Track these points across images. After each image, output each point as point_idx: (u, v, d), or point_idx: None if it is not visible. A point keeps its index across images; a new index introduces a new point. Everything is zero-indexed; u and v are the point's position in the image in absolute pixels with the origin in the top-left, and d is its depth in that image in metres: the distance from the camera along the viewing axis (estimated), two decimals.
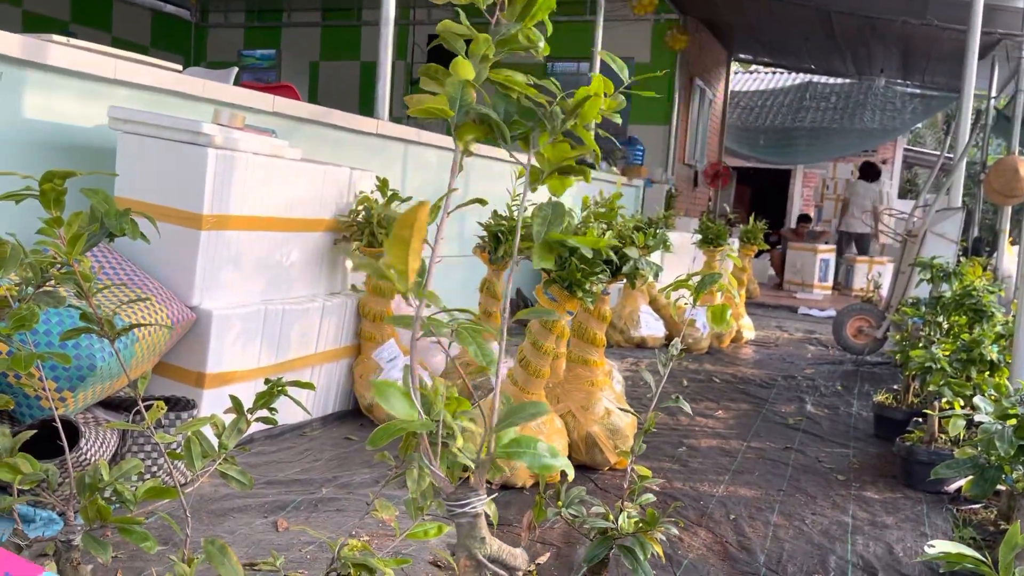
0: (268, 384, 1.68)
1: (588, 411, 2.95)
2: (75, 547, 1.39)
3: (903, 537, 2.66)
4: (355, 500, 2.53)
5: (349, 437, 3.20)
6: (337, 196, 3.30)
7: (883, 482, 3.26)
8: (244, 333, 2.83)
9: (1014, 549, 1.05)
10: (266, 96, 3.55)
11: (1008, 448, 1.48)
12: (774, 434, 3.87)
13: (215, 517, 2.33)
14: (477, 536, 0.87)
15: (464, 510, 0.87)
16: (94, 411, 2.40)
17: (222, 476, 1.55)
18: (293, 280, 3.14)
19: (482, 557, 0.85)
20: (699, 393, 4.63)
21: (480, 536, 0.86)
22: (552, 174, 0.90)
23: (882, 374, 5.61)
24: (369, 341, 3.40)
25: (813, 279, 10.78)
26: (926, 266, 4.23)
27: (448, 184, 1.27)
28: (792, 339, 7.11)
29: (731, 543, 2.50)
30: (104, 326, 1.39)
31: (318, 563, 2.09)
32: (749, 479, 3.15)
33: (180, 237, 2.67)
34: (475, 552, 0.85)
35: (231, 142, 2.73)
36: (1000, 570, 1.06)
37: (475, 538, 0.87)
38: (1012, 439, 1.50)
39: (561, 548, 2.33)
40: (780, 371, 5.46)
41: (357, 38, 12.08)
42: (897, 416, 3.89)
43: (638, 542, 1.49)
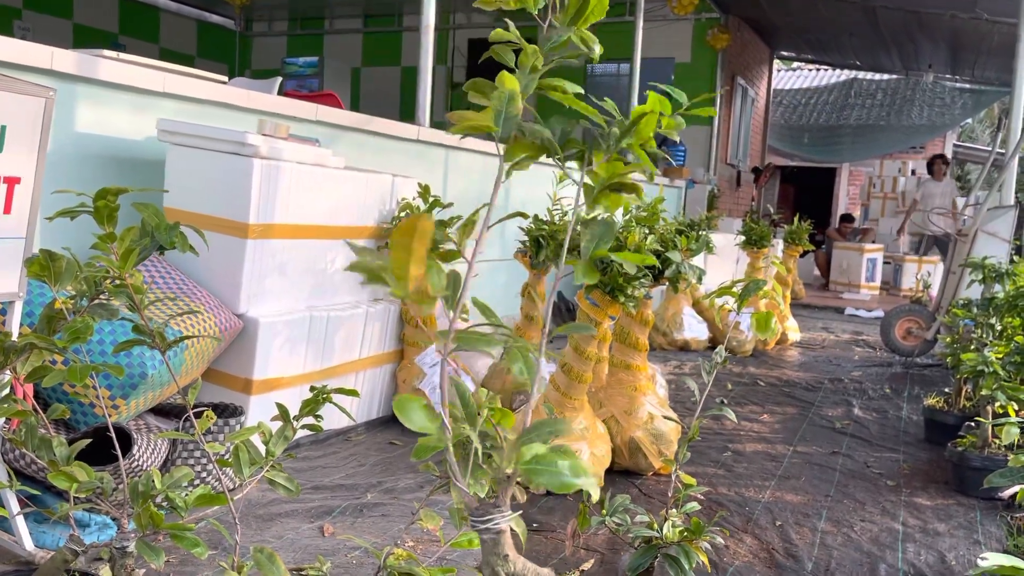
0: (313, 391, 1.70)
1: (631, 416, 2.93)
2: (129, 553, 1.42)
3: (956, 545, 2.61)
4: (399, 505, 2.56)
5: (393, 442, 3.23)
6: (379, 203, 3.34)
7: (934, 488, 3.19)
8: (290, 340, 2.88)
9: None
10: (309, 105, 3.60)
11: None
12: (821, 438, 3.81)
13: (263, 522, 2.37)
14: (500, 553, 0.86)
15: (487, 526, 0.87)
16: (145, 417, 2.46)
17: (269, 483, 1.57)
18: (337, 287, 3.18)
19: (504, 575, 0.85)
20: (744, 397, 4.58)
21: (503, 554, 0.86)
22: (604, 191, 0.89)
23: (932, 377, 5.49)
24: (412, 346, 3.43)
25: (860, 279, 10.58)
26: (978, 266, 4.14)
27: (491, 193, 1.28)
28: (839, 341, 6.99)
29: (778, 550, 2.47)
30: (155, 338, 1.43)
31: (364, 568, 2.11)
32: (796, 484, 3.11)
33: (227, 246, 2.72)
34: (497, 570, 0.85)
35: (275, 152, 2.78)
36: None
37: (498, 555, 0.86)
38: None
39: (605, 555, 2.32)
40: (826, 374, 5.37)
41: (398, 43, 12.19)
42: (948, 420, 3.79)
43: (683, 551, 1.48)
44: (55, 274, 1.43)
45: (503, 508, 0.88)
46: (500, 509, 0.88)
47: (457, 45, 11.84)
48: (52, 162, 2.57)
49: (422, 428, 0.85)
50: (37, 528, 2.00)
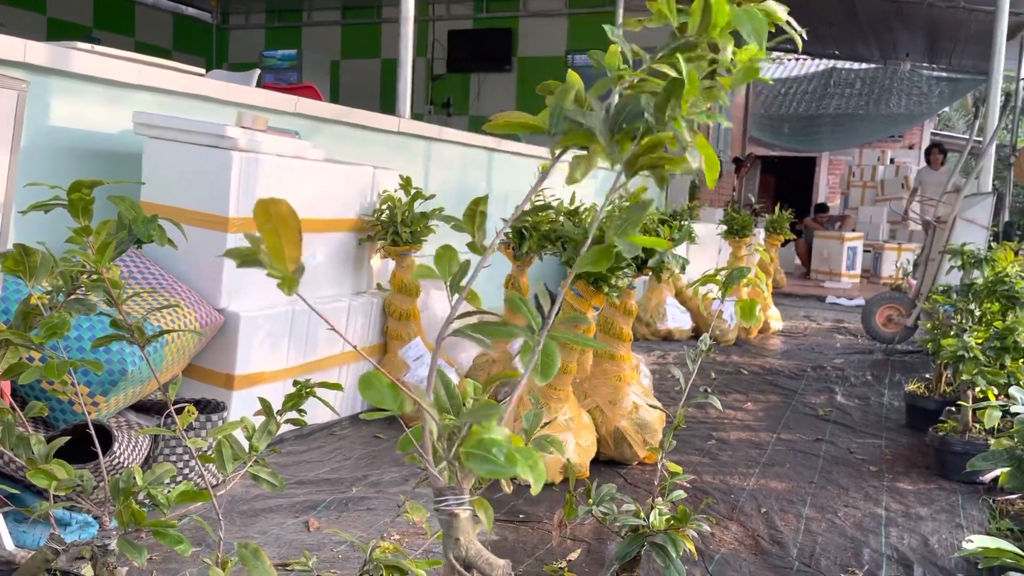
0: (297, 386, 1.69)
1: (616, 406, 2.93)
2: (111, 551, 1.41)
3: (938, 529, 2.63)
4: (385, 499, 2.54)
5: (378, 436, 3.21)
6: (360, 195, 3.31)
7: (916, 473, 3.22)
8: (272, 334, 2.85)
9: None
10: (288, 97, 3.56)
11: None
12: (804, 425, 3.83)
13: (247, 518, 2.35)
14: (452, 536, 0.86)
15: (439, 507, 0.87)
16: (126, 414, 2.43)
17: (252, 478, 1.56)
18: (319, 280, 3.15)
19: (452, 559, 0.84)
20: (727, 385, 4.60)
21: (454, 537, 0.85)
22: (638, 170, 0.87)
23: (913, 363, 5.53)
24: (396, 339, 3.41)
25: (840, 268, 10.66)
26: (957, 253, 4.17)
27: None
28: (820, 329, 7.04)
29: (763, 537, 2.48)
30: (134, 333, 1.40)
31: (350, 562, 2.10)
32: (780, 471, 3.13)
33: (207, 240, 2.69)
34: (448, 553, 0.84)
35: (255, 145, 2.75)
36: None
37: (450, 538, 0.86)
38: None
39: (592, 544, 2.33)
40: (809, 361, 5.41)
41: (377, 35, 12.11)
42: (930, 406, 3.83)
43: (670, 539, 1.48)
44: (30, 269, 1.40)
45: (458, 492, 0.88)
46: (455, 492, 0.88)
47: (437, 37, 11.77)
48: (26, 156, 2.53)
49: (378, 402, 0.84)
50: (17, 527, 1.97)
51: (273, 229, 0.85)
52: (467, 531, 0.87)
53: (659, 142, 0.81)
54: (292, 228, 0.86)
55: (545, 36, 11.38)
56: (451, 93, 11.81)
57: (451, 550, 0.85)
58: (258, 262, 0.86)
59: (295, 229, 0.86)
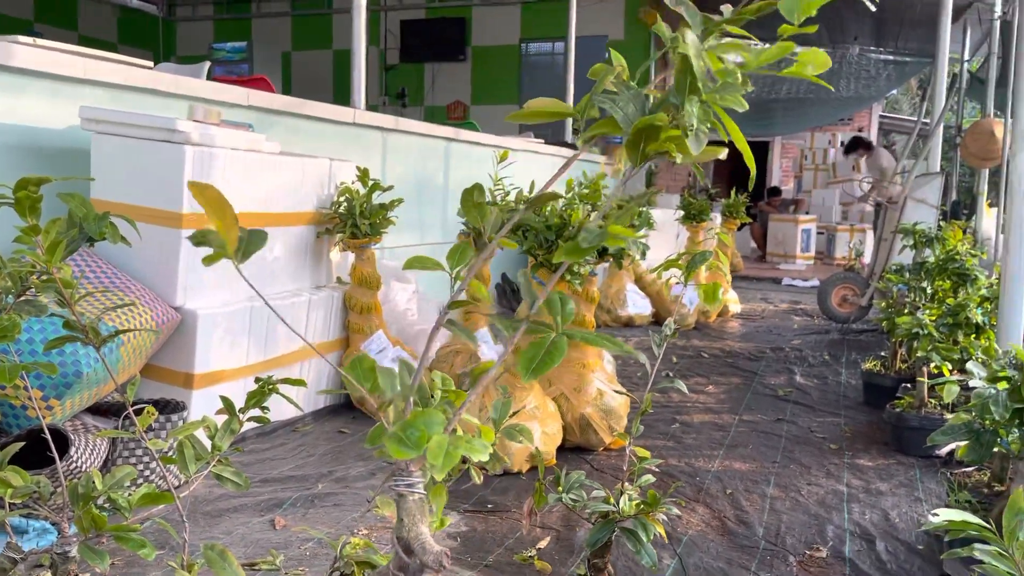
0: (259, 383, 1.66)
1: (581, 393, 2.94)
2: (72, 558, 1.37)
3: (898, 503, 2.69)
4: (352, 494, 2.52)
5: (342, 431, 3.18)
6: (318, 188, 3.27)
7: (875, 449, 3.28)
8: (230, 331, 2.80)
9: (1017, 515, 1.05)
10: (240, 90, 3.50)
11: (1004, 412, 1.49)
12: (765, 406, 3.89)
13: (211, 518, 2.31)
14: (399, 516, 0.86)
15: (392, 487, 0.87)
16: (82, 417, 2.37)
17: (216, 478, 1.53)
18: (277, 275, 3.11)
19: (395, 538, 0.84)
20: (689, 369, 4.64)
21: (399, 517, 0.86)
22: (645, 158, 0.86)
23: (868, 342, 5.64)
24: (357, 333, 3.38)
25: (795, 250, 10.83)
26: (909, 232, 4.25)
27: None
28: (777, 310, 7.15)
29: (729, 518, 2.51)
30: (88, 333, 1.36)
31: (318, 559, 2.08)
32: (743, 453, 3.17)
33: (161, 238, 2.63)
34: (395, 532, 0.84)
35: (208, 138, 2.69)
36: (1004, 536, 1.06)
37: (398, 519, 0.86)
38: (1007, 403, 1.50)
39: (561, 532, 2.33)
40: (768, 343, 5.48)
41: (328, 26, 11.95)
42: (886, 383, 3.91)
43: (640, 524, 1.49)
44: None
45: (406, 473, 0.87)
46: (403, 474, 0.87)
47: (389, 27, 11.66)
48: None
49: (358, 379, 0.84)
50: None
51: (216, 210, 0.86)
52: (412, 513, 0.86)
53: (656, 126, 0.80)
54: (226, 212, 0.88)
55: (499, 25, 11.34)
56: (405, 83, 11.72)
57: (396, 530, 0.85)
58: (210, 242, 0.87)
59: (229, 212, 0.88)
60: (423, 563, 0.81)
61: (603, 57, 9.18)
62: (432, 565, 0.80)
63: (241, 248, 0.87)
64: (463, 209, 0.95)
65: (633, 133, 0.84)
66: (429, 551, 0.81)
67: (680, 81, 0.81)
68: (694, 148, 0.83)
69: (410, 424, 0.80)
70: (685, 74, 0.80)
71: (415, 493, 0.85)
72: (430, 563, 0.80)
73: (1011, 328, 2.94)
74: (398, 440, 0.79)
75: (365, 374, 0.89)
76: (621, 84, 0.93)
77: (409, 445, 0.79)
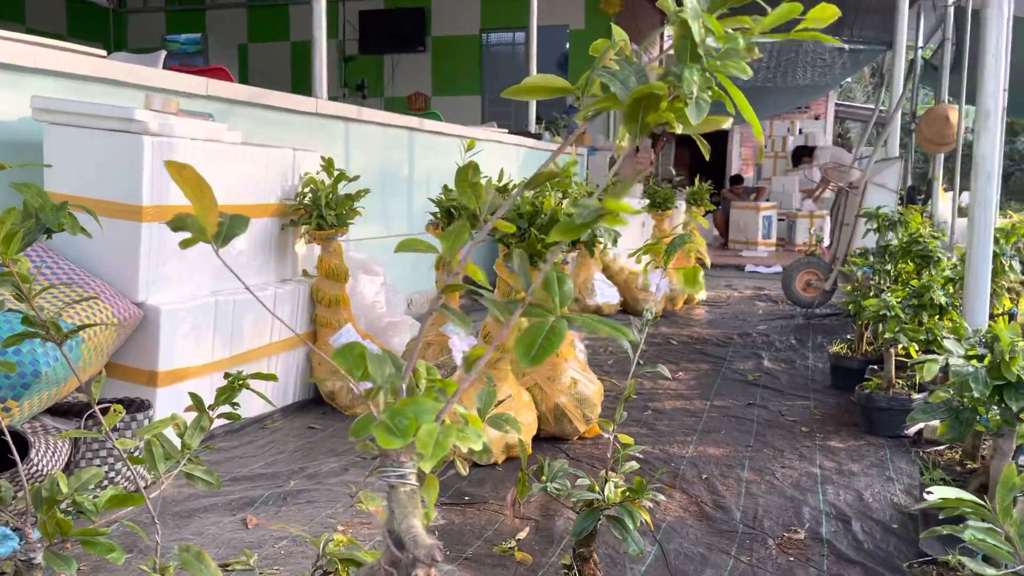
0: (228, 378, 1.60)
1: (554, 382, 2.92)
2: (37, 565, 1.31)
3: (870, 484, 2.71)
4: (325, 491, 2.47)
5: (312, 426, 3.12)
6: (281, 179, 3.19)
7: (846, 431, 3.31)
8: (195, 327, 2.73)
9: (1011, 491, 1.05)
10: (199, 79, 3.40)
11: (984, 389, 1.49)
12: (735, 391, 3.90)
13: (180, 519, 2.24)
14: (389, 508, 0.82)
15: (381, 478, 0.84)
16: (42, 419, 2.28)
17: (187, 477, 1.47)
18: (242, 268, 3.03)
19: (386, 531, 0.81)
20: (658, 356, 4.65)
21: (390, 509, 0.82)
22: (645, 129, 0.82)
23: (833, 325, 5.71)
24: (325, 327, 3.31)
25: (757, 237, 10.93)
26: (873, 216, 4.29)
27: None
28: (742, 297, 7.20)
29: (706, 503, 2.51)
30: (50, 329, 1.30)
31: (293, 558, 2.03)
32: (716, 438, 3.17)
33: (120, 231, 2.55)
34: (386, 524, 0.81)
35: (167, 128, 2.61)
36: (999, 513, 1.05)
37: (388, 510, 0.83)
38: (987, 380, 1.51)
39: (539, 522, 2.31)
40: (734, 329, 5.52)
41: (285, 17, 11.77)
42: (853, 365, 3.95)
43: (626, 511, 1.47)
44: None
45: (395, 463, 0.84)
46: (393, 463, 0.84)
47: (348, 18, 11.51)
48: None
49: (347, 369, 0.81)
50: None
51: (194, 191, 0.82)
52: (403, 505, 0.82)
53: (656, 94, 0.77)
54: (205, 193, 0.84)
55: (458, 15, 11.26)
56: (365, 75, 11.59)
57: (386, 524, 0.82)
58: (188, 227, 0.83)
59: (208, 194, 0.84)
60: (415, 557, 0.77)
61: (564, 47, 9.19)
62: (424, 559, 0.77)
63: (222, 232, 0.82)
64: (458, 188, 0.91)
65: (631, 103, 0.80)
66: (421, 545, 0.77)
67: (680, 48, 0.78)
68: (694, 117, 0.80)
69: (399, 412, 0.76)
70: (685, 40, 0.76)
71: (407, 484, 0.81)
72: (422, 557, 0.77)
73: (976, 307, 2.98)
74: (386, 429, 0.75)
75: (355, 361, 0.84)
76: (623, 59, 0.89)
77: (398, 434, 0.75)
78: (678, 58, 0.80)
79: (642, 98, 0.83)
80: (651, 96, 0.83)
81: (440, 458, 0.73)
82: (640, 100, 0.83)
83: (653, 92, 0.81)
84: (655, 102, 0.84)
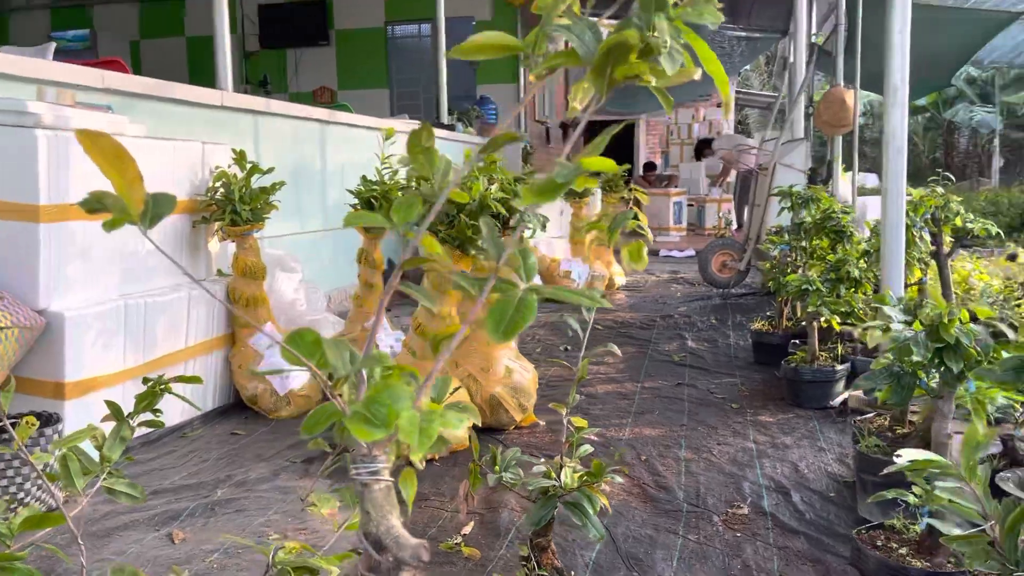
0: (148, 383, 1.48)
1: (489, 373, 2.86)
2: None
3: (804, 455, 2.75)
4: (256, 498, 2.35)
5: (236, 432, 2.98)
6: (191, 174, 3.03)
7: (773, 405, 3.37)
8: (103, 333, 2.55)
9: (977, 449, 1.05)
10: (94, 71, 3.18)
11: (925, 352, 1.51)
12: (664, 372, 3.93)
13: (98, 539, 2.09)
14: (363, 509, 0.75)
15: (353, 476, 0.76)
16: None
17: (108, 492, 1.35)
18: (152, 270, 2.86)
19: (362, 534, 0.74)
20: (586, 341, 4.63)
21: (364, 510, 0.75)
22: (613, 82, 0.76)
23: (750, 304, 5.83)
24: (244, 328, 3.17)
25: (669, 222, 11.12)
26: (786, 194, 4.38)
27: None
28: (660, 281, 7.30)
29: (648, 484, 2.49)
30: None
31: (228, 571, 1.91)
32: (651, 419, 3.17)
33: (16, 233, 2.35)
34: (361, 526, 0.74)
35: (63, 121, 2.42)
36: (965, 471, 1.05)
37: (362, 511, 0.75)
38: (928, 343, 1.53)
39: (484, 515, 2.25)
40: (656, 312, 5.57)
41: (179, 12, 11.28)
42: (774, 341, 4.03)
43: (585, 496, 1.42)
44: None
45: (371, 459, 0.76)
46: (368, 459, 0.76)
47: (247, 12, 11.13)
48: None
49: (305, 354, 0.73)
50: None
51: (113, 164, 0.72)
52: (378, 504, 0.75)
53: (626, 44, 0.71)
54: (127, 167, 0.74)
55: (362, 7, 11.03)
56: (267, 70, 11.23)
57: (362, 525, 0.74)
58: (108, 206, 0.73)
59: (131, 167, 0.74)
60: (399, 560, 0.70)
61: None
62: (411, 561, 0.69)
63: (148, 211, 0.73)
64: (409, 155, 0.83)
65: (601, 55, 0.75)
66: (405, 545, 0.70)
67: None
68: (669, 67, 0.75)
69: (374, 399, 0.68)
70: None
71: (381, 481, 0.74)
72: (407, 559, 0.69)
73: (893, 276, 3.06)
74: (363, 419, 0.68)
75: (309, 348, 0.76)
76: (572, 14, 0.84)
77: (377, 424, 0.67)
78: (642, 8, 0.75)
79: (611, 50, 0.78)
80: (621, 47, 0.78)
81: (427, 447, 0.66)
82: (609, 53, 0.78)
83: (624, 42, 0.76)
84: (624, 54, 0.78)
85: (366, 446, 0.75)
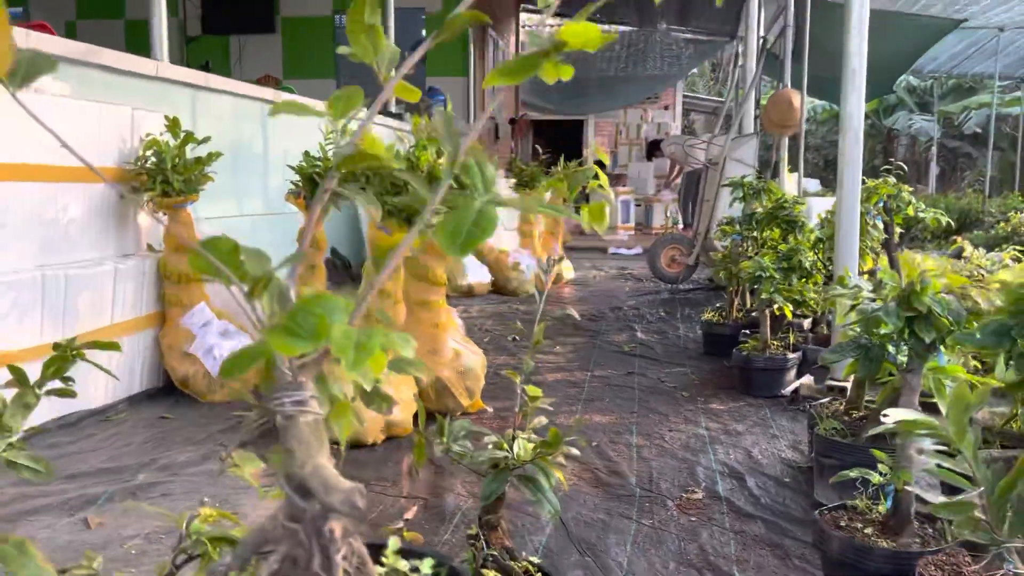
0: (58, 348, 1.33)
1: (436, 355, 2.73)
2: None
3: (757, 441, 2.69)
4: (183, 482, 2.18)
5: (165, 416, 2.79)
6: (119, 140, 2.84)
7: (724, 394, 3.31)
8: (18, 305, 2.36)
9: (966, 410, 0.97)
10: (19, 30, 2.97)
11: (897, 322, 1.44)
12: (613, 361, 3.85)
13: (4, 524, 1.91)
14: (285, 447, 0.62)
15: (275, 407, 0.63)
16: None
17: (8, 466, 1.20)
18: (74, 240, 2.66)
19: (283, 478, 0.60)
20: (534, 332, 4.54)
21: (286, 447, 0.62)
22: None
23: (698, 298, 5.81)
24: (176, 306, 2.98)
25: (617, 221, 11.12)
26: (738, 185, 4.35)
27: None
28: (608, 276, 7.25)
29: (600, 469, 2.40)
30: None
31: (148, 557, 1.75)
32: (601, 406, 3.09)
33: None
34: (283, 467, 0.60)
35: None
36: (954, 434, 0.97)
37: (284, 451, 0.62)
38: (899, 312, 1.46)
39: (428, 500, 2.12)
40: (605, 304, 5.51)
41: None
42: (725, 332, 3.99)
43: (539, 469, 1.32)
44: None
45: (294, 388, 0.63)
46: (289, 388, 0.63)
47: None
48: None
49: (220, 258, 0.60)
50: None
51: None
52: (304, 441, 0.62)
53: None
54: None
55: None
56: (209, 56, 10.89)
57: (284, 467, 0.61)
58: None
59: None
60: (327, 506, 0.58)
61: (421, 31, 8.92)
62: (342, 508, 0.57)
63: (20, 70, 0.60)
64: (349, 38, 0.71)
65: None
66: (335, 489, 0.58)
67: None
68: None
69: (303, 308, 0.56)
70: None
71: (308, 413, 0.61)
72: (338, 505, 0.57)
73: (848, 263, 3.02)
74: (286, 331, 0.55)
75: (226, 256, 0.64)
76: None
77: (303, 336, 0.55)
78: None
79: None
80: None
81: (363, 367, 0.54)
82: None
83: None
84: None
85: (290, 371, 0.63)
